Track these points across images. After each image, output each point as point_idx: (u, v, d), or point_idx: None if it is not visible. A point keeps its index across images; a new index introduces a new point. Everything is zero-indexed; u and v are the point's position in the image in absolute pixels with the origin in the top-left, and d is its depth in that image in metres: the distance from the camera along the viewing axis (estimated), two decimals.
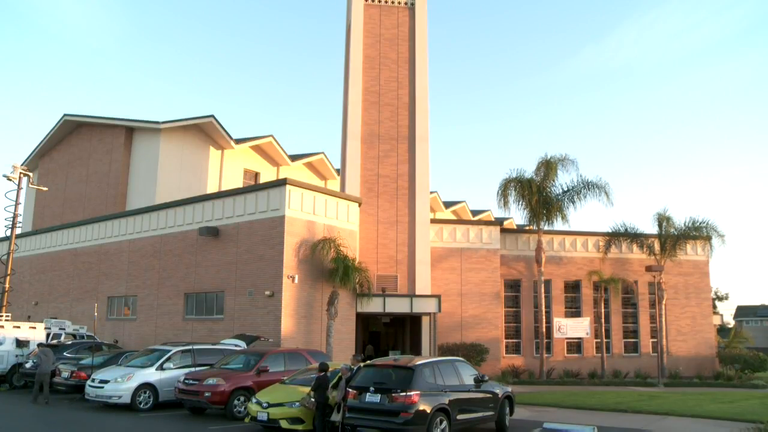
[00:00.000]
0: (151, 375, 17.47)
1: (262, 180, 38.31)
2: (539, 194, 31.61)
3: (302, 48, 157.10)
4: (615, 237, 33.92)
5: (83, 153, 39.28)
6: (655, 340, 33.43)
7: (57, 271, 34.42)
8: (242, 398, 16.18)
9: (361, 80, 30.04)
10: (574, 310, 34.04)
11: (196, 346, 19.12)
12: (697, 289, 35.78)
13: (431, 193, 36.09)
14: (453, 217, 48.81)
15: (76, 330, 26.26)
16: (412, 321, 29.67)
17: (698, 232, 34.16)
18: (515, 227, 43.55)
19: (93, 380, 17.69)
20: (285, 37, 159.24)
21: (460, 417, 13.02)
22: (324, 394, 13.16)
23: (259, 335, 22.55)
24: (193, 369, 17.69)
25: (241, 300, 24.32)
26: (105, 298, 30.56)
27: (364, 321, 29.96)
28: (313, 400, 13.32)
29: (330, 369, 14.68)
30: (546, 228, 32.51)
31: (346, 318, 25.80)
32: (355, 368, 13.68)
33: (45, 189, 34.71)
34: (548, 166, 32.01)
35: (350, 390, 12.73)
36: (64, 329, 25.68)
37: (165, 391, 17.43)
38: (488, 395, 14.27)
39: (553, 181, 32.14)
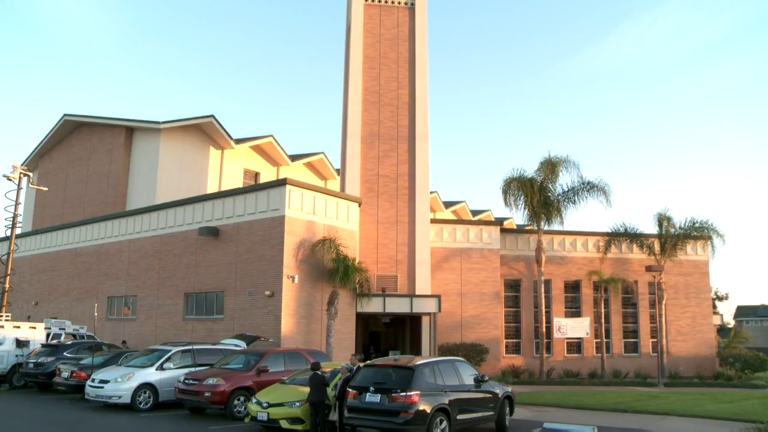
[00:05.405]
0: (151, 375, 17.46)
1: (262, 180, 38.31)
2: (540, 194, 31.63)
3: (303, 47, 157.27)
4: (615, 237, 33.90)
5: (83, 153, 39.29)
6: (655, 340, 33.43)
7: (57, 271, 34.42)
8: (242, 398, 16.17)
9: (361, 80, 30.04)
10: (574, 310, 34.04)
11: (196, 346, 19.11)
12: (697, 289, 35.77)
13: (431, 193, 36.09)
14: (453, 217, 48.79)
15: (76, 330, 26.25)
16: (412, 321, 29.67)
17: (698, 232, 34.12)
18: (515, 227, 43.52)
19: (93, 380, 17.69)
20: (285, 36, 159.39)
21: (460, 417, 13.02)
22: (319, 394, 13.13)
23: (259, 335, 22.55)
24: (193, 369, 17.68)
25: (241, 300, 24.32)
26: (105, 298, 30.56)
27: (364, 321, 29.97)
28: (304, 399, 13.34)
29: (329, 369, 14.70)
30: (546, 228, 32.52)
31: (346, 318, 25.80)
32: (355, 368, 13.67)
33: (45, 189, 34.73)
34: (551, 166, 32.00)
35: (350, 390, 12.73)
36: (64, 329, 25.67)
37: (165, 391, 17.42)
38: (488, 395, 14.27)
39: (555, 181, 32.17)
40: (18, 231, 30.65)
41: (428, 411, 12.05)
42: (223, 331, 24.26)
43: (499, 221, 39.60)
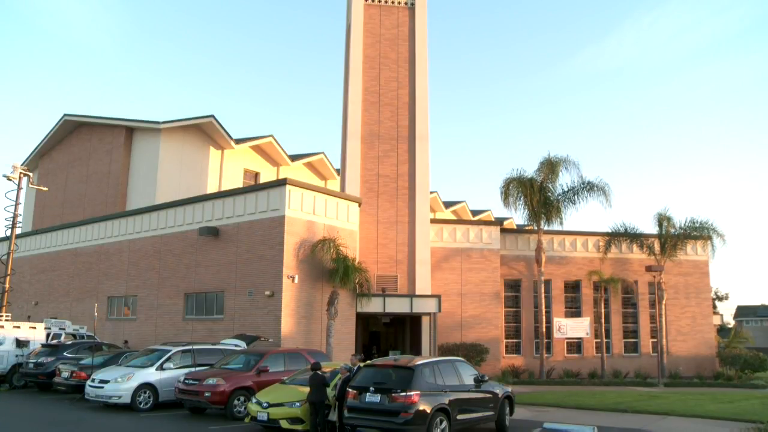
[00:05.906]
0: (151, 375, 17.47)
1: (262, 180, 38.32)
2: (540, 194, 31.64)
3: (303, 47, 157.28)
4: (615, 237, 33.91)
5: (83, 153, 39.29)
6: (655, 340, 33.43)
7: (57, 271, 34.42)
8: (242, 398, 16.17)
9: (361, 80, 30.05)
10: (574, 310, 34.05)
11: (196, 346, 19.12)
12: (697, 289, 35.77)
13: (431, 193, 36.10)
14: (453, 217, 48.80)
15: (76, 330, 26.25)
16: (412, 321, 29.67)
17: (698, 232, 34.13)
18: (515, 227, 43.51)
19: (93, 380, 17.69)
20: (285, 36, 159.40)
21: (460, 417, 13.02)
22: (319, 394, 13.14)
23: (259, 335, 22.55)
24: (193, 369, 17.69)
25: (241, 300, 24.32)
26: (105, 298, 30.56)
27: (364, 321, 29.97)
28: (304, 399, 13.32)
29: (329, 369, 14.70)
30: (546, 228, 32.53)
31: (346, 318, 25.80)
32: (355, 368, 13.68)
33: (45, 189, 34.74)
34: (550, 166, 32.02)
35: (350, 390, 12.73)
36: (64, 329, 25.67)
37: (165, 391, 17.43)
38: (488, 395, 14.27)
39: (555, 181, 32.19)
40: (18, 231, 30.65)
41: (428, 411, 12.05)
42: (223, 331, 24.26)
43: (499, 221, 39.60)
